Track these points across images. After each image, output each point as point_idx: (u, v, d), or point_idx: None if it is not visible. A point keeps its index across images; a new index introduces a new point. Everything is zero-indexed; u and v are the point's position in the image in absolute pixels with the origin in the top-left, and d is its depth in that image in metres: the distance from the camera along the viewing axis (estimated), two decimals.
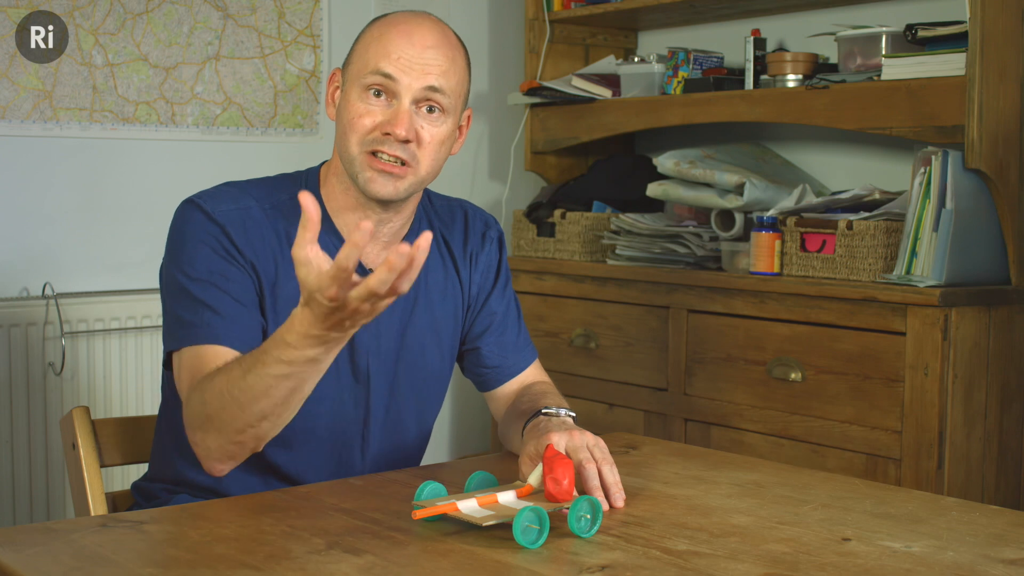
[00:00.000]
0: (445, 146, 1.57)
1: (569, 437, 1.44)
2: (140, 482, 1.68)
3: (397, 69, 1.51)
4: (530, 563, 1.21)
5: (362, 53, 1.54)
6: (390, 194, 1.53)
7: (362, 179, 1.53)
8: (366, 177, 1.52)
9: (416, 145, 1.52)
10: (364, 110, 1.52)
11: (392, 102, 1.52)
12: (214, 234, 1.52)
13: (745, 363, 2.76)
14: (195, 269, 1.50)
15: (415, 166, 1.53)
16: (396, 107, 1.51)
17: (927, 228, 2.53)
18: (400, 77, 1.51)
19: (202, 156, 3.14)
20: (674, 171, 3.01)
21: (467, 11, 3.66)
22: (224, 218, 1.53)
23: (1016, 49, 2.53)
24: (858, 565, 1.22)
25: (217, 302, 1.48)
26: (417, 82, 1.51)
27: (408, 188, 1.54)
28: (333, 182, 1.60)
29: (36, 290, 2.89)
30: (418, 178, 1.54)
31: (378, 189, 1.52)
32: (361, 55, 1.54)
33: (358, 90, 1.53)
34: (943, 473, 2.44)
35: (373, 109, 1.52)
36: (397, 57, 1.51)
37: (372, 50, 1.53)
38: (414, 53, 1.52)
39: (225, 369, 1.38)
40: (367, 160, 1.52)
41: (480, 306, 1.75)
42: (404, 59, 1.51)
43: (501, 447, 1.77)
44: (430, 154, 1.54)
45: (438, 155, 1.56)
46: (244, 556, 1.20)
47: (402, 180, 1.53)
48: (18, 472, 2.80)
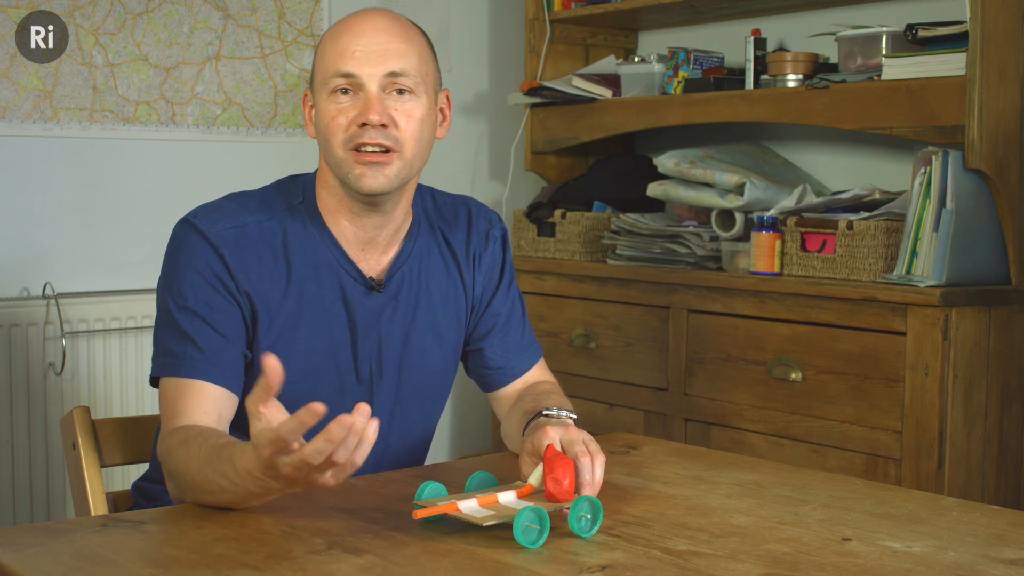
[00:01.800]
0: (425, 126, 1.57)
1: (564, 431, 1.44)
2: (140, 482, 1.68)
3: (355, 63, 1.52)
4: (530, 563, 1.21)
5: (321, 62, 1.56)
6: (382, 185, 1.53)
7: (352, 178, 1.53)
8: (355, 175, 1.53)
9: (395, 128, 1.53)
10: (336, 111, 1.53)
11: (359, 94, 1.53)
12: (207, 260, 1.53)
13: (745, 363, 2.76)
14: (183, 297, 1.52)
15: (399, 150, 1.53)
16: (364, 96, 1.52)
17: (927, 228, 2.53)
18: (359, 69, 1.52)
19: (202, 156, 3.14)
20: (674, 171, 3.01)
21: (467, 11, 3.66)
22: (219, 238, 1.54)
23: (1016, 49, 2.53)
24: (858, 565, 1.22)
25: (200, 335, 1.51)
26: (377, 68, 1.52)
27: (398, 174, 1.54)
28: (324, 194, 1.60)
29: (36, 290, 2.89)
30: (404, 162, 1.54)
31: (369, 183, 1.52)
32: (321, 64, 1.56)
33: (325, 96, 1.54)
34: (943, 473, 2.44)
35: (344, 107, 1.53)
36: (352, 52, 1.53)
37: (328, 55, 1.55)
38: (367, 42, 1.53)
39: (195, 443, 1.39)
40: (353, 156, 1.52)
41: (484, 307, 1.74)
42: (359, 52, 1.53)
43: (501, 447, 1.77)
44: (411, 135, 1.54)
45: (421, 135, 1.56)
46: (244, 556, 1.20)
47: (389, 167, 1.53)
48: (18, 472, 2.80)
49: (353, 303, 1.60)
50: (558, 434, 1.44)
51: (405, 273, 1.65)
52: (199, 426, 1.44)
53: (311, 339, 1.58)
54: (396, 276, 1.63)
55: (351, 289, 1.60)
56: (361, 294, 1.60)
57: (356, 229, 1.60)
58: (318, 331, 1.58)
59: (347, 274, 1.59)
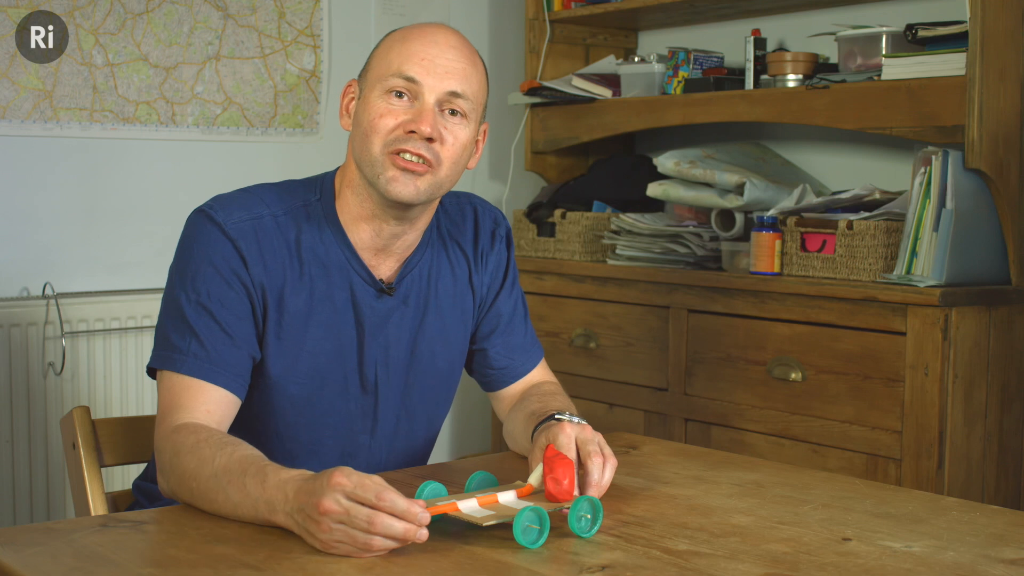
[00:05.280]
0: (465, 152, 1.56)
1: (581, 430, 1.45)
2: (141, 481, 1.68)
3: (421, 71, 1.50)
4: (530, 563, 1.21)
5: (383, 58, 1.54)
6: (411, 195, 1.51)
7: (383, 179, 1.50)
8: (388, 177, 1.50)
9: (439, 145, 1.51)
10: (386, 110, 1.51)
11: (415, 103, 1.51)
12: (222, 252, 1.51)
13: (745, 363, 2.76)
14: (196, 291, 1.50)
15: (437, 167, 1.51)
16: (419, 106, 1.50)
17: (927, 228, 2.53)
18: (424, 79, 1.50)
19: (202, 156, 3.14)
20: (674, 171, 3.01)
21: (467, 11, 3.66)
22: (236, 231, 1.52)
23: (1016, 49, 2.53)
24: (858, 565, 1.22)
25: (207, 332, 1.49)
26: (440, 83, 1.51)
27: (428, 189, 1.52)
28: (347, 194, 1.58)
29: (36, 290, 2.89)
30: (437, 179, 1.53)
31: (400, 189, 1.50)
32: (382, 60, 1.54)
33: (379, 93, 1.52)
34: (943, 473, 2.44)
35: (395, 109, 1.51)
36: (420, 59, 1.51)
37: (394, 54, 1.53)
38: (437, 53, 1.51)
39: (207, 450, 1.37)
40: (390, 159, 1.50)
41: (488, 306, 1.74)
42: (427, 61, 1.51)
43: (501, 447, 1.76)
44: (452, 156, 1.53)
45: (459, 159, 1.55)
46: (244, 556, 1.20)
47: (422, 179, 1.51)
48: (18, 472, 2.80)
49: (363, 305, 1.59)
50: (574, 431, 1.44)
51: (415, 277, 1.63)
52: (207, 428, 1.43)
53: (320, 340, 1.57)
54: (406, 280, 1.62)
55: (361, 291, 1.59)
56: (371, 296, 1.59)
57: (373, 235, 1.58)
58: (327, 332, 1.57)
59: (358, 276, 1.58)
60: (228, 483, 1.31)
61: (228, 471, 1.32)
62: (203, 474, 1.35)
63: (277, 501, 1.26)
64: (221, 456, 1.34)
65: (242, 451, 1.36)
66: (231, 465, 1.33)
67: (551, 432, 1.44)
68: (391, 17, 3.45)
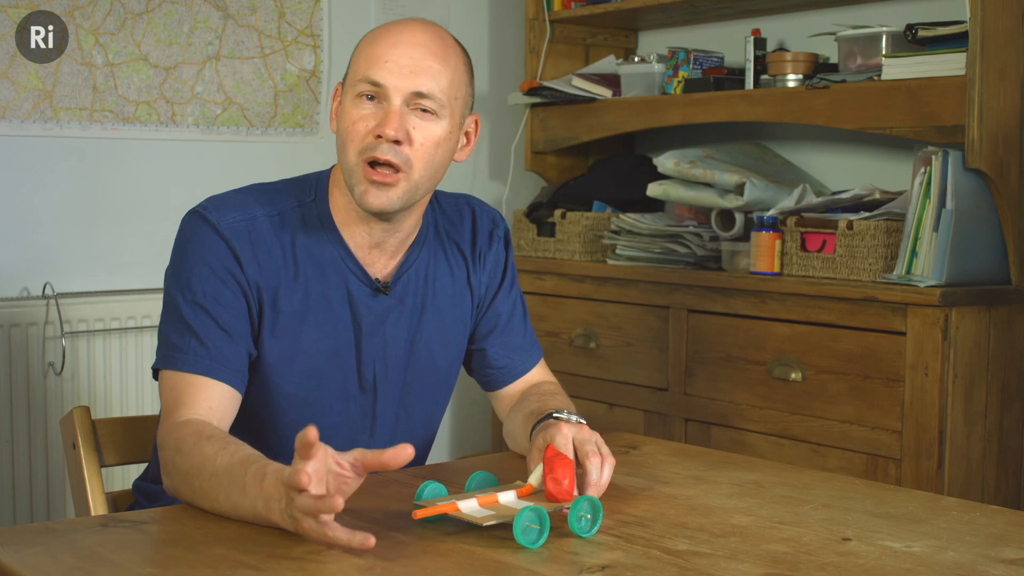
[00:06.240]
0: (441, 149, 1.55)
1: (578, 430, 1.45)
2: (141, 482, 1.68)
3: (385, 73, 1.50)
4: (530, 563, 1.21)
5: (355, 63, 1.55)
6: (383, 206, 1.52)
7: (358, 192, 1.52)
8: (361, 190, 1.51)
9: (408, 146, 1.51)
10: (358, 115, 1.52)
11: (383, 104, 1.52)
12: (216, 252, 1.52)
13: (745, 363, 2.76)
14: (192, 291, 1.51)
15: (407, 171, 1.51)
16: (386, 108, 1.51)
17: (927, 228, 2.53)
18: (387, 80, 1.50)
19: (202, 156, 3.14)
20: (674, 171, 3.01)
21: (467, 11, 3.66)
22: (230, 231, 1.53)
23: (1016, 49, 2.53)
24: (858, 565, 1.22)
25: (205, 330, 1.50)
26: (404, 83, 1.51)
27: (402, 197, 1.52)
28: (336, 194, 1.59)
29: (36, 290, 2.89)
30: (411, 184, 1.52)
31: (372, 201, 1.51)
32: (354, 65, 1.55)
33: (351, 98, 1.53)
34: (943, 473, 2.44)
35: (366, 113, 1.52)
36: (385, 61, 1.51)
37: (362, 58, 1.54)
38: (401, 54, 1.51)
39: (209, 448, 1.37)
40: (364, 171, 1.51)
41: (487, 306, 1.74)
42: (391, 62, 1.51)
43: (501, 447, 1.77)
44: (423, 156, 1.52)
45: (433, 158, 1.54)
46: (244, 556, 1.20)
47: (394, 189, 1.51)
48: (18, 472, 2.80)
49: (359, 305, 1.59)
50: (572, 432, 1.44)
51: (411, 276, 1.64)
52: (211, 425, 1.43)
53: (317, 339, 1.57)
54: (403, 279, 1.63)
55: (357, 290, 1.59)
56: (367, 296, 1.60)
57: (365, 233, 1.59)
58: (323, 332, 1.57)
59: (353, 275, 1.59)
60: (229, 483, 1.31)
61: (229, 471, 1.32)
62: (205, 472, 1.35)
63: (272, 500, 1.26)
64: (223, 455, 1.35)
65: (244, 452, 1.36)
66: (232, 465, 1.33)
67: (548, 432, 1.45)
68: (391, 17, 3.45)
